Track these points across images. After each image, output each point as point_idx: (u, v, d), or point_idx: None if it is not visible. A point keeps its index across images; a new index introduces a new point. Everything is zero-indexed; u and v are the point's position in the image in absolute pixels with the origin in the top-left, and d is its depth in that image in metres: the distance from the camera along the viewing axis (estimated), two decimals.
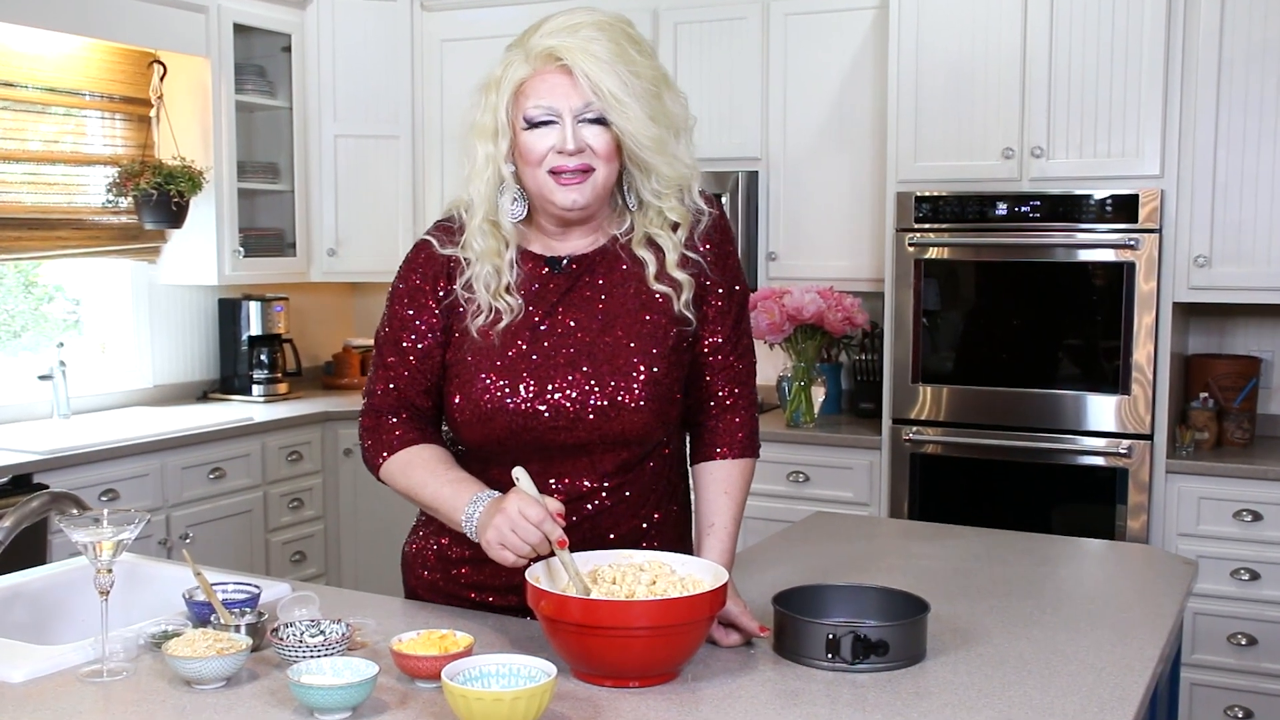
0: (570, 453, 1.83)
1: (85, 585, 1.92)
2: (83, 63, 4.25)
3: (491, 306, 1.82)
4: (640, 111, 1.72)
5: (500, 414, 1.80)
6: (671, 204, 1.83)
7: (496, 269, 1.82)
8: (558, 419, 1.80)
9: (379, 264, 4.81)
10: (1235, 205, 3.65)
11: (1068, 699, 1.58)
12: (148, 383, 4.62)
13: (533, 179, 1.78)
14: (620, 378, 1.80)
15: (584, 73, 1.71)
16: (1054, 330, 3.81)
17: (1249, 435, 3.84)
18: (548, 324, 1.83)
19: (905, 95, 3.96)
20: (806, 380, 4.22)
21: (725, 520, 1.88)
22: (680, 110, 1.80)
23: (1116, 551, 2.64)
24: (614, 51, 1.71)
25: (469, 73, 5.32)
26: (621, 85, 1.71)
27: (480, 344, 1.82)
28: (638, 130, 1.73)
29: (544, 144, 1.74)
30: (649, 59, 1.76)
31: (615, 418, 1.80)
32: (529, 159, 1.76)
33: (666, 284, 1.84)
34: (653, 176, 1.80)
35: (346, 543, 4.66)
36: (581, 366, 1.81)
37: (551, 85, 1.73)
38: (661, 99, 1.76)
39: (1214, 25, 3.62)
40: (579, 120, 1.73)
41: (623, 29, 1.75)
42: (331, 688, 1.47)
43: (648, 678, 1.59)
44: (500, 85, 1.78)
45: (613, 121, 1.73)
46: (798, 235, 4.39)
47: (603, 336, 1.82)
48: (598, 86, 1.71)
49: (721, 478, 1.91)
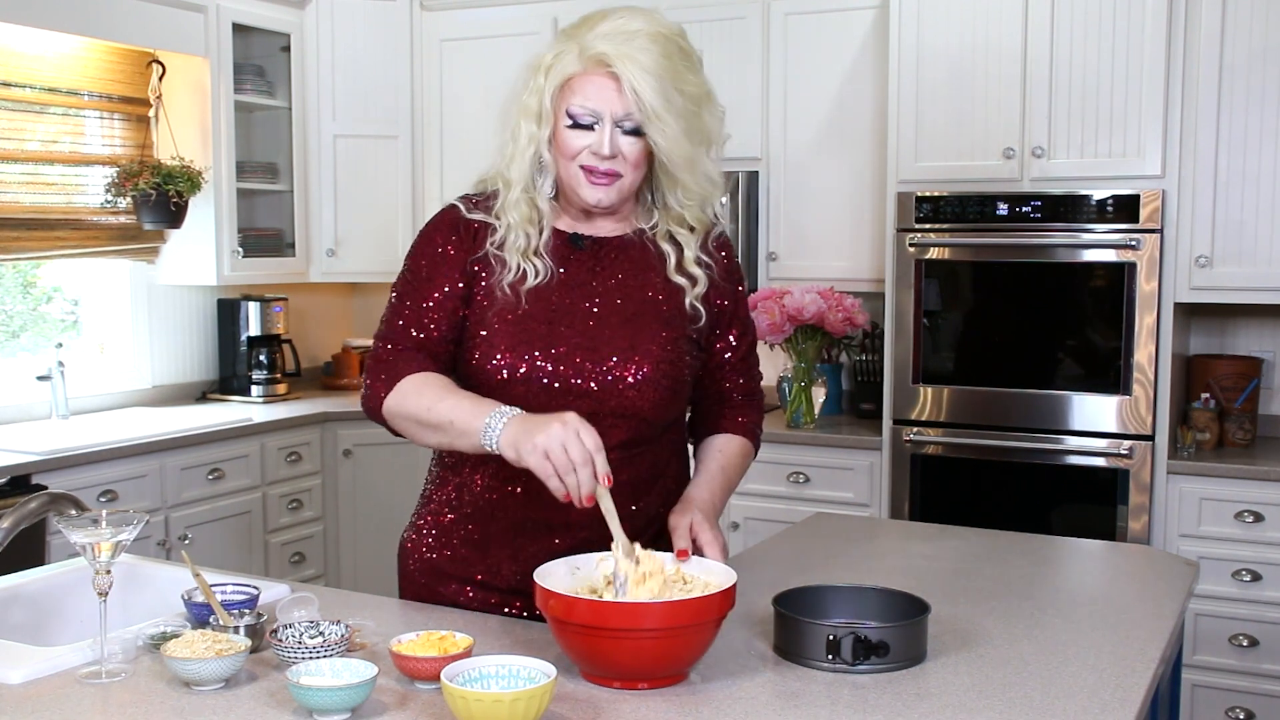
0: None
1: (84, 586, 1.92)
2: (81, 63, 4.25)
3: (520, 266, 1.86)
4: (678, 129, 1.78)
5: (513, 380, 1.84)
6: (694, 211, 1.91)
7: (529, 235, 1.87)
8: (568, 388, 1.84)
9: (378, 264, 4.81)
10: (1236, 205, 3.64)
11: (1068, 700, 1.57)
12: (146, 383, 4.62)
13: (565, 169, 1.84)
14: (636, 352, 1.85)
15: (631, 84, 1.76)
16: (1055, 331, 3.81)
17: (1250, 436, 3.84)
18: (567, 298, 1.88)
19: (906, 95, 3.96)
20: (807, 381, 4.22)
21: (711, 466, 1.98)
22: (717, 126, 1.87)
23: (1117, 552, 2.63)
24: (663, 66, 1.76)
25: (469, 72, 5.33)
26: (664, 102, 1.76)
27: (499, 309, 1.86)
28: (672, 148, 1.80)
29: (581, 143, 1.80)
30: (696, 74, 1.82)
31: (627, 390, 1.85)
32: (565, 152, 1.82)
33: (683, 277, 1.91)
34: (679, 188, 1.87)
35: (346, 544, 4.66)
36: (597, 339, 1.85)
37: (599, 88, 1.78)
38: (701, 116, 1.82)
39: (1215, 25, 3.61)
40: (617, 127, 1.78)
41: (676, 42, 1.80)
42: (331, 689, 1.46)
43: (657, 679, 1.59)
44: (550, 72, 1.82)
45: (649, 135, 1.79)
46: (798, 235, 4.38)
47: (619, 315, 1.88)
48: (641, 100, 1.76)
49: (717, 443, 2.02)
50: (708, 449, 2.02)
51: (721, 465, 1.98)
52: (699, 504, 1.86)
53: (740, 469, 2.02)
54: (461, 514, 1.95)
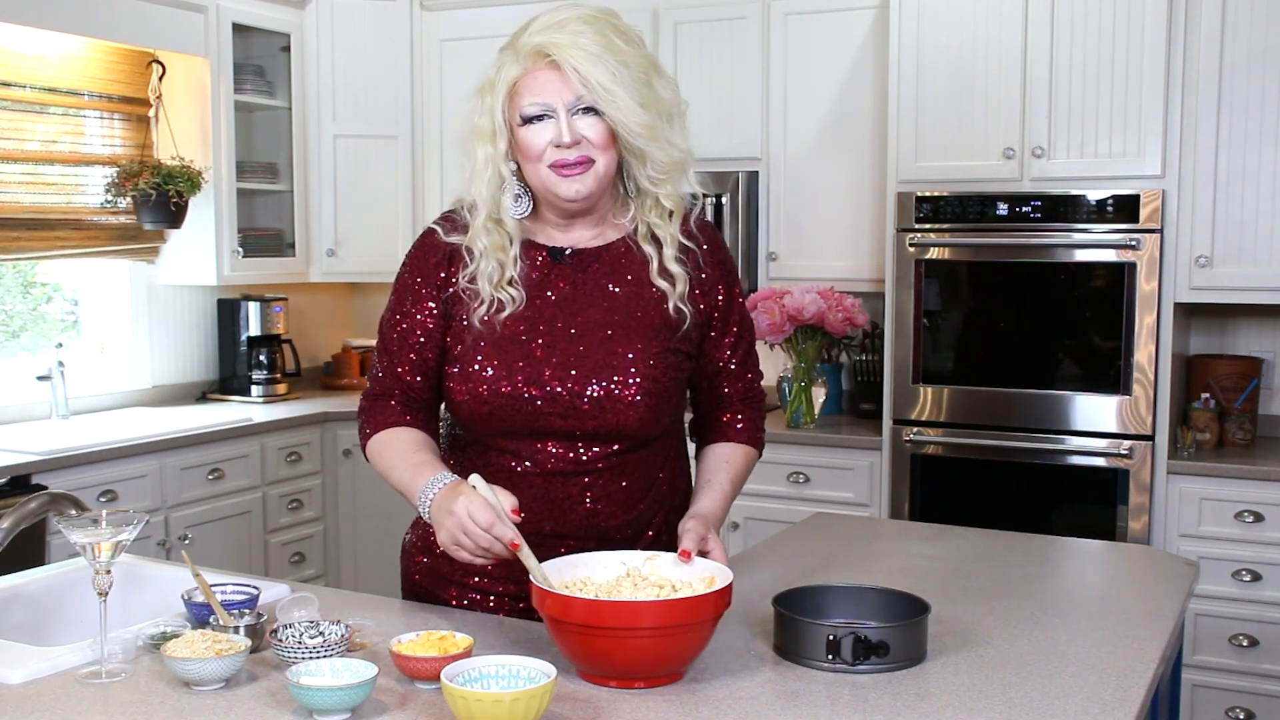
0: (564, 438, 1.86)
1: (84, 586, 1.92)
2: (81, 63, 4.25)
3: (494, 298, 1.85)
4: (630, 100, 1.76)
5: (496, 400, 1.83)
6: (667, 190, 1.88)
7: (500, 263, 1.86)
8: (553, 407, 1.83)
9: (378, 264, 4.81)
10: (1236, 205, 3.64)
11: (1068, 700, 1.57)
12: (146, 383, 4.62)
13: (535, 174, 1.82)
14: (617, 372, 1.83)
15: (573, 67, 1.75)
16: (1055, 331, 3.80)
17: (1250, 436, 3.83)
18: (548, 314, 1.86)
19: (906, 95, 3.96)
20: (807, 381, 4.22)
21: (721, 479, 1.94)
22: (671, 95, 1.85)
23: (1117, 552, 2.63)
24: (601, 44, 1.76)
25: (469, 73, 5.32)
26: (610, 76, 1.75)
27: (481, 331, 1.86)
28: (629, 119, 1.77)
29: (541, 139, 1.79)
30: (636, 48, 1.81)
31: (610, 409, 1.83)
32: (529, 155, 1.80)
33: (665, 280, 1.89)
34: (648, 163, 1.84)
35: (346, 544, 4.66)
36: (578, 358, 1.84)
37: (543, 81, 1.78)
38: (652, 85, 1.81)
39: (1215, 25, 3.61)
40: (572, 113, 1.77)
41: (608, 20, 1.80)
42: (331, 689, 1.46)
43: (653, 678, 1.59)
44: (495, 87, 1.82)
45: (604, 111, 1.77)
46: (798, 235, 4.38)
47: (602, 329, 1.86)
48: (586, 79, 1.75)
49: (724, 454, 1.99)
50: (714, 459, 1.99)
51: (731, 478, 1.96)
52: (712, 520, 1.85)
53: (744, 478, 2.01)
54: None
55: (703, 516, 1.84)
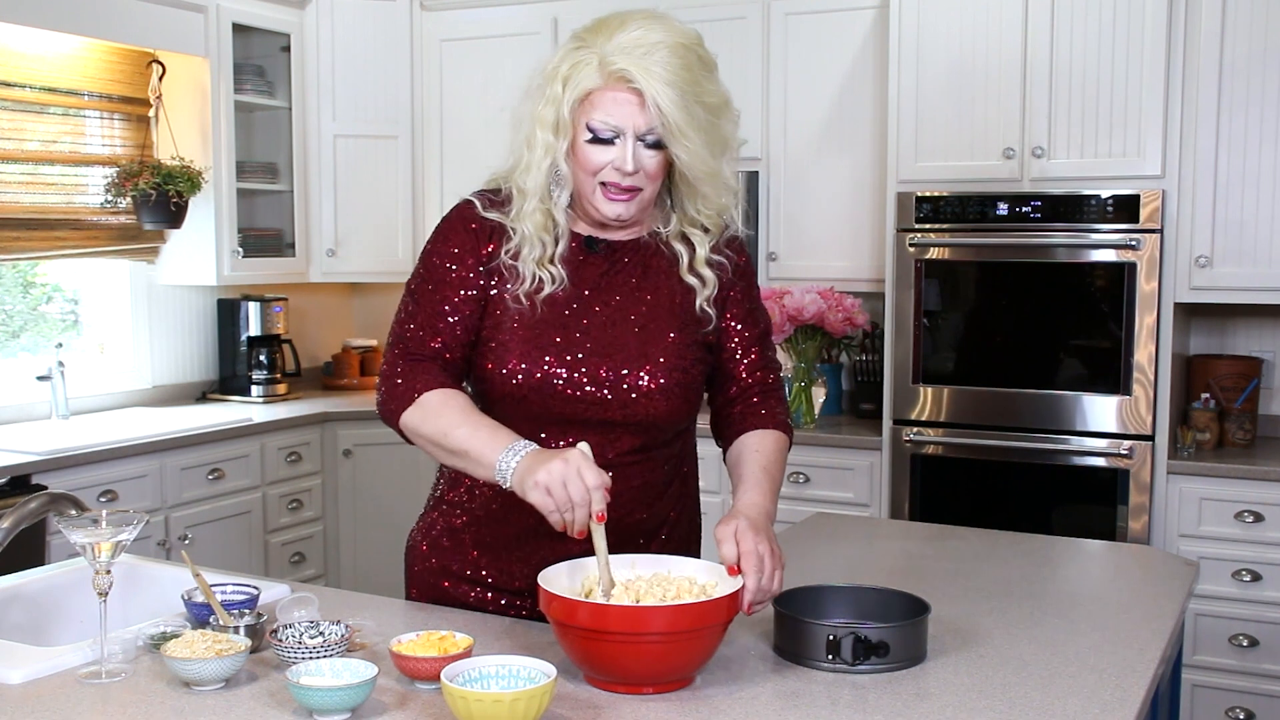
0: (591, 428, 1.84)
1: (84, 586, 1.92)
2: (81, 63, 4.25)
3: (535, 275, 1.84)
4: (700, 143, 1.77)
5: (526, 386, 1.83)
6: (712, 219, 1.90)
7: (544, 243, 1.85)
8: (581, 396, 1.83)
9: (378, 264, 4.81)
10: (1236, 205, 3.64)
11: (1068, 700, 1.57)
12: (146, 383, 4.62)
13: (584, 183, 1.82)
14: (646, 361, 1.84)
15: (654, 100, 1.73)
16: (1055, 331, 3.80)
17: (1250, 436, 3.83)
18: (581, 303, 1.86)
19: (906, 95, 3.96)
20: (807, 381, 4.22)
21: (753, 469, 1.87)
22: (733, 132, 1.85)
23: (1117, 552, 2.63)
24: (685, 78, 1.74)
25: (469, 73, 5.33)
26: (687, 116, 1.74)
27: (514, 315, 1.85)
28: (695, 162, 1.78)
29: (602, 158, 1.78)
30: (715, 83, 1.81)
31: (637, 400, 1.84)
32: (585, 166, 1.80)
33: (694, 277, 1.90)
34: (699, 199, 1.86)
35: (346, 544, 4.66)
36: (608, 347, 1.84)
37: (621, 104, 1.75)
38: (719, 125, 1.80)
39: (1215, 25, 3.61)
40: (639, 141, 1.77)
41: (696, 51, 1.79)
42: (331, 689, 1.46)
43: (661, 684, 1.57)
44: (568, 83, 1.78)
45: (672, 150, 1.77)
46: (798, 235, 4.38)
47: (632, 321, 1.87)
48: (664, 116, 1.74)
49: (752, 443, 1.92)
50: (743, 450, 1.92)
51: (763, 466, 1.88)
52: (745, 511, 1.76)
53: (781, 464, 1.93)
54: (473, 516, 1.94)
55: (734, 512, 1.76)
